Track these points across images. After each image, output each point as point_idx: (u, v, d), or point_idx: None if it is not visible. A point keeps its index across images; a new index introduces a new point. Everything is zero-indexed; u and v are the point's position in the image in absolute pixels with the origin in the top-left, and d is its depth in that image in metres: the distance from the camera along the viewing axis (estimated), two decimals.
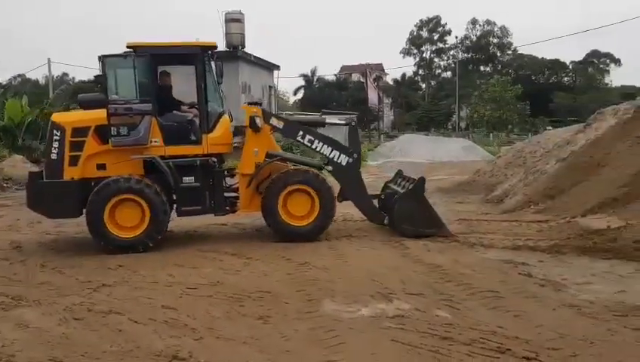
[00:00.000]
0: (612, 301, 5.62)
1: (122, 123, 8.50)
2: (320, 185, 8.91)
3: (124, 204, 8.39)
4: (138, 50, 8.67)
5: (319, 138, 9.30)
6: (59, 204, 8.57)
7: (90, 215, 8.35)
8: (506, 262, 7.30)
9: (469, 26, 76.92)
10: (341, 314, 5.42)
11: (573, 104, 59.74)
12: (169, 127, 8.79)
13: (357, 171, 9.50)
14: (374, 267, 7.14)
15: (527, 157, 15.58)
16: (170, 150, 8.70)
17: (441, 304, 5.68)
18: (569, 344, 4.54)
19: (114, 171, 8.55)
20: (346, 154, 9.28)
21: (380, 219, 9.51)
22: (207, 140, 8.84)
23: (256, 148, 9.06)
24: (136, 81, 8.63)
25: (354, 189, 9.41)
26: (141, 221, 8.40)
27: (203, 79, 8.87)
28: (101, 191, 8.31)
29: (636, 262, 7.02)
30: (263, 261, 7.63)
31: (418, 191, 9.14)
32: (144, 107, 8.55)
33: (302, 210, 8.94)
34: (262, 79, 32.18)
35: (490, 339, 4.66)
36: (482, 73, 73.35)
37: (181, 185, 8.72)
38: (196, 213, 9.03)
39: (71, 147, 8.56)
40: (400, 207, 9.09)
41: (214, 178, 8.98)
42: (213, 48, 9.27)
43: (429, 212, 9.12)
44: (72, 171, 8.57)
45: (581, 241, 7.99)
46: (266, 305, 5.74)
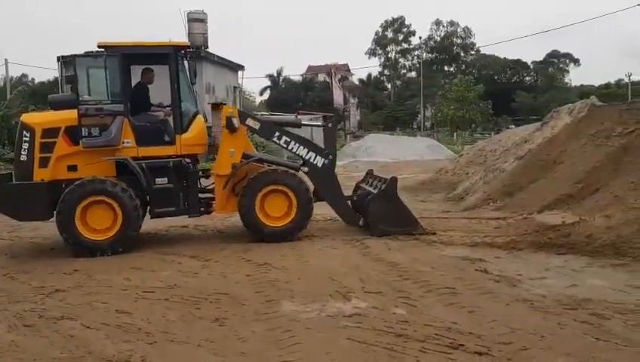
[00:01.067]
0: (564, 295, 5.75)
1: (93, 124, 8.34)
2: (297, 186, 8.90)
3: (95, 206, 8.23)
4: (109, 50, 8.51)
5: (295, 139, 9.28)
6: (28, 206, 8.35)
7: (60, 216, 8.16)
8: (464, 258, 7.41)
9: (433, 27, 78.20)
10: (299, 315, 5.40)
11: (534, 103, 61.18)
12: (142, 127, 8.64)
13: (333, 172, 9.49)
14: (334, 266, 7.16)
15: (488, 155, 15.89)
16: (142, 151, 8.56)
17: (398, 301, 5.72)
18: (520, 338, 4.62)
19: (85, 173, 8.38)
20: (321, 155, 9.28)
21: (355, 220, 9.50)
22: (180, 141, 8.72)
23: (232, 149, 8.99)
24: (107, 81, 8.51)
25: (329, 191, 9.41)
26: (113, 223, 8.25)
27: (176, 79, 8.74)
28: (72, 192, 8.13)
29: (588, 257, 7.20)
30: (223, 263, 7.56)
31: (391, 191, 9.17)
32: (116, 107, 8.43)
33: (279, 210, 8.92)
34: (226, 79, 31.97)
35: (444, 335, 4.72)
36: (446, 73, 74.48)
37: (154, 187, 8.59)
38: (170, 214, 8.93)
39: (41, 148, 8.36)
40: (374, 207, 9.12)
41: (188, 179, 8.87)
42: (187, 48, 9.15)
43: (403, 211, 9.19)
44: (42, 173, 8.38)
45: (537, 237, 8.18)
46: (223, 307, 5.68)
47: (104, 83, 8.62)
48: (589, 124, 11.55)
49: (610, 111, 11.57)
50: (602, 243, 7.34)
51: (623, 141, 10.24)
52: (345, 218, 9.62)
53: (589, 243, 7.48)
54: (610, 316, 5.07)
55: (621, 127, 10.74)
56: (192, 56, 9.15)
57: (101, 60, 8.57)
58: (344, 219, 9.64)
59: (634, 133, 10.21)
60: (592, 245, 7.42)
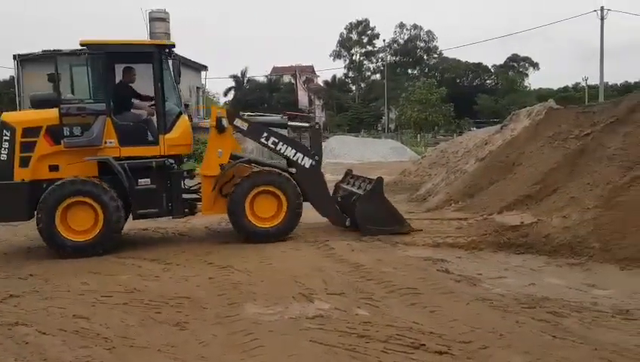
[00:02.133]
0: (522, 294, 5.87)
1: (75, 123, 8.20)
2: (287, 187, 8.89)
3: (76, 207, 8.11)
4: (93, 48, 8.36)
5: (283, 140, 9.30)
6: (8, 206, 8.23)
7: (41, 217, 8.02)
8: (426, 259, 7.49)
9: (397, 30, 78.90)
10: (261, 317, 5.36)
11: (495, 106, 62.39)
12: (124, 127, 8.52)
13: (320, 173, 9.52)
14: (297, 268, 7.14)
15: (450, 157, 16.12)
16: (125, 151, 8.45)
17: (361, 303, 5.73)
18: (480, 337, 4.69)
19: (67, 173, 8.24)
20: (309, 156, 9.28)
21: (342, 221, 9.54)
22: (164, 141, 8.60)
23: (220, 150, 8.94)
24: (89, 79, 8.39)
25: (317, 191, 9.39)
26: (94, 224, 8.15)
27: (160, 78, 8.62)
28: (53, 193, 8.00)
29: (546, 256, 7.38)
30: (184, 266, 7.46)
31: (377, 191, 9.25)
32: (98, 107, 8.29)
33: (268, 211, 8.90)
34: (189, 80, 31.59)
35: (405, 335, 4.75)
36: (410, 76, 75.27)
37: (136, 188, 8.46)
38: (152, 215, 8.86)
39: (21, 148, 8.22)
40: (361, 208, 9.16)
41: (172, 179, 8.76)
42: (171, 47, 9.02)
43: (390, 210, 9.29)
44: (23, 172, 8.23)
45: (496, 237, 8.32)
46: (184, 311, 5.59)
47: (87, 81, 8.51)
48: (546, 127, 11.82)
49: (567, 114, 11.86)
50: (559, 243, 7.52)
51: (579, 143, 10.50)
52: (332, 219, 9.65)
53: (547, 243, 7.65)
54: (566, 314, 5.19)
55: (578, 129, 11.01)
56: (175, 55, 9.02)
57: (83, 58, 8.43)
58: (331, 219, 9.67)
59: (590, 135, 10.49)
60: (549, 245, 7.59)
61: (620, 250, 6.91)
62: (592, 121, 10.72)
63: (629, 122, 9.62)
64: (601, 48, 40.07)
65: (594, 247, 7.15)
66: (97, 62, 8.36)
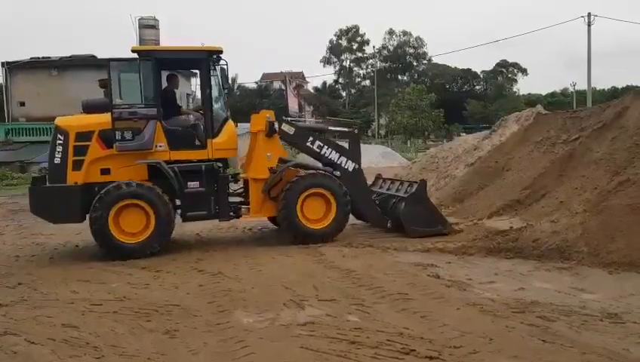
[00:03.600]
0: (512, 298, 5.90)
1: (127, 127, 8.42)
2: (337, 189, 9.14)
3: (128, 210, 8.29)
4: (143, 55, 8.64)
5: (328, 144, 9.58)
6: (62, 209, 8.42)
7: (94, 220, 8.17)
8: (417, 264, 7.51)
9: (387, 36, 79.39)
10: (252, 324, 5.35)
11: (484, 111, 62.82)
12: (173, 131, 8.78)
13: (362, 176, 9.85)
14: (288, 275, 7.13)
15: (440, 162, 16.18)
16: (174, 155, 8.69)
17: (352, 309, 5.73)
18: (470, 341, 4.71)
19: (118, 176, 8.47)
20: (352, 160, 9.61)
21: (384, 222, 9.76)
22: (212, 145, 8.85)
23: (269, 153, 9.19)
24: (141, 85, 8.60)
25: (360, 194, 9.64)
26: (146, 226, 8.32)
27: (209, 84, 8.90)
28: (108, 195, 8.17)
29: (535, 261, 7.43)
30: (174, 273, 7.43)
31: (421, 193, 9.52)
32: (149, 111, 8.50)
33: (317, 212, 9.14)
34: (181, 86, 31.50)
35: (396, 341, 4.75)
36: (400, 82, 75.64)
37: (186, 190, 8.66)
38: (201, 218, 9.06)
39: (74, 151, 8.42)
40: (407, 209, 9.39)
41: (219, 183, 8.96)
42: (219, 53, 9.14)
43: (434, 211, 9.58)
44: (76, 176, 8.43)
45: (486, 242, 8.38)
46: (174, 319, 5.57)
47: (135, 87, 8.72)
48: (535, 132, 11.93)
49: (555, 120, 11.99)
50: (548, 248, 7.58)
51: (567, 148, 10.61)
52: (374, 221, 9.97)
53: (536, 247, 7.71)
54: (555, 318, 5.22)
55: (565, 134, 11.13)
56: (223, 60, 9.20)
57: (134, 65, 8.67)
58: (373, 221, 10.00)
59: (578, 140, 10.60)
60: (538, 249, 7.65)
61: (607, 253, 6.97)
62: (580, 126, 10.84)
63: (615, 127, 9.74)
64: (588, 54, 40.47)
65: (582, 251, 7.21)
66: (148, 69, 8.57)
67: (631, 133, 9.15)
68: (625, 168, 8.37)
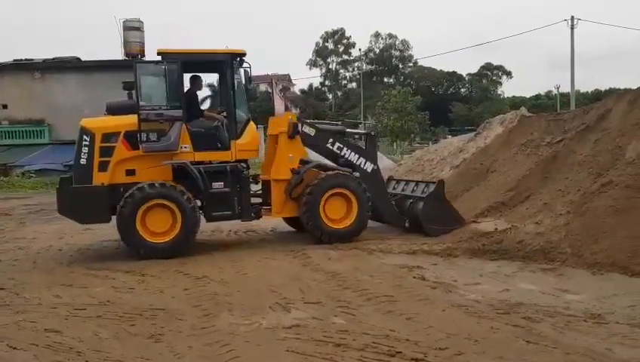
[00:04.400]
0: (497, 299, 5.94)
1: (152, 129, 8.54)
2: (359, 189, 9.33)
3: (155, 210, 8.41)
4: (168, 57, 8.74)
5: (347, 145, 9.82)
6: (89, 209, 8.51)
7: (121, 220, 8.28)
8: (402, 266, 7.53)
9: (372, 39, 79.59)
10: (238, 328, 5.32)
11: (469, 114, 63.24)
12: (197, 133, 8.94)
13: (381, 177, 10.13)
14: (274, 278, 7.11)
15: (426, 164, 16.25)
16: (199, 156, 8.87)
17: (338, 311, 5.73)
18: (455, 343, 4.72)
19: (143, 177, 8.58)
20: (371, 161, 9.85)
21: (401, 222, 9.94)
22: (235, 146, 9.02)
23: (291, 155, 9.36)
24: (166, 87, 8.72)
25: (378, 194, 9.81)
26: (172, 227, 8.44)
27: (232, 86, 9.04)
28: (136, 195, 8.27)
29: (520, 262, 7.49)
30: (159, 277, 7.37)
31: (440, 193, 9.71)
32: (175, 113, 8.61)
33: (339, 212, 9.32)
34: None
35: (382, 343, 4.75)
36: (386, 84, 75.88)
37: (211, 191, 8.79)
38: (226, 218, 9.19)
39: (100, 152, 8.54)
40: (426, 209, 9.60)
41: (242, 184, 9.10)
42: (243, 55, 9.29)
43: (451, 210, 9.71)
44: (102, 177, 8.55)
45: (471, 244, 8.43)
46: (159, 323, 5.52)
47: (157, 89, 8.90)
48: (519, 135, 12.02)
49: (539, 122, 12.08)
50: (533, 249, 7.64)
51: (551, 150, 10.69)
52: (392, 220, 10.12)
53: (521, 248, 7.77)
54: (540, 319, 5.26)
55: (549, 136, 11.22)
56: (247, 62, 9.32)
57: (158, 67, 8.79)
58: (391, 221, 10.15)
59: (561, 142, 10.69)
60: (523, 250, 7.71)
61: (591, 254, 7.04)
62: (563, 129, 10.93)
63: (598, 129, 9.84)
64: (571, 57, 40.91)
65: (566, 252, 7.28)
66: (173, 71, 8.67)
67: (613, 136, 9.25)
68: (607, 170, 8.46)
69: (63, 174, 23.23)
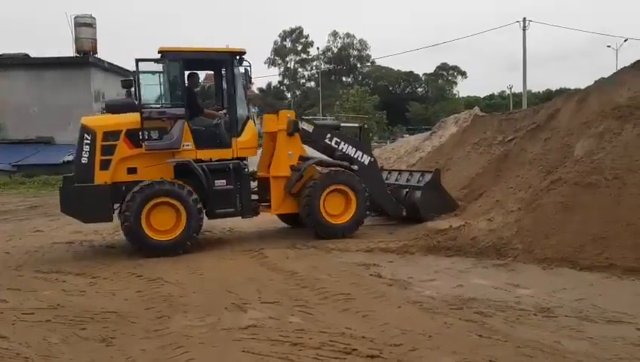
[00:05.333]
0: (451, 295, 6.03)
1: (154, 127, 8.55)
2: (357, 185, 9.50)
3: (159, 208, 8.40)
4: (170, 55, 8.73)
5: (344, 140, 9.95)
6: (92, 208, 8.46)
7: (126, 219, 8.24)
8: (359, 264, 7.57)
9: (330, 38, 79.85)
10: (192, 330, 5.24)
11: (426, 113, 64.25)
12: (199, 131, 8.97)
13: (377, 169, 10.40)
14: (231, 278, 7.04)
15: (383, 163, 16.39)
16: (201, 153, 8.90)
17: (295, 310, 5.72)
18: (410, 339, 4.78)
19: (145, 175, 8.58)
20: (368, 154, 10.06)
21: (399, 212, 10.19)
22: (236, 144, 9.08)
23: (290, 152, 9.48)
24: (168, 85, 8.82)
25: (376, 186, 10.04)
26: (176, 224, 8.45)
27: (233, 84, 9.12)
28: (140, 193, 8.26)
29: (473, 258, 7.64)
30: (112, 279, 7.20)
31: (436, 181, 10.09)
32: (177, 111, 8.65)
33: (338, 208, 9.47)
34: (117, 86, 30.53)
35: (338, 341, 4.76)
36: (344, 83, 76.28)
37: (214, 188, 8.84)
38: (229, 215, 9.22)
39: (102, 151, 8.49)
40: (424, 197, 9.94)
41: (243, 181, 9.19)
42: (243, 54, 9.34)
43: (447, 197, 10.10)
44: (104, 175, 8.51)
45: (427, 241, 8.55)
46: (110, 326, 5.38)
47: (158, 87, 9.06)
48: (472, 134, 12.29)
49: (492, 121, 12.39)
50: (485, 245, 7.81)
51: (503, 149, 10.98)
52: (390, 210, 10.34)
53: (474, 245, 7.93)
54: (492, 314, 5.38)
55: (501, 135, 11.52)
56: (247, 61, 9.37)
57: (159, 65, 8.86)
58: (389, 211, 10.37)
59: (513, 141, 10.99)
60: (476, 247, 7.87)
61: (541, 250, 7.24)
62: (515, 128, 11.24)
63: (548, 128, 10.15)
64: (523, 57, 42.04)
65: (517, 248, 7.47)
66: (175, 69, 8.74)
67: (562, 134, 9.56)
68: (557, 168, 8.72)
69: (11, 174, 22.67)
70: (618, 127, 8.32)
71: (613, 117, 8.57)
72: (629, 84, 8.96)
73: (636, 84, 8.84)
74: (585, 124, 9.14)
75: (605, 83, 9.69)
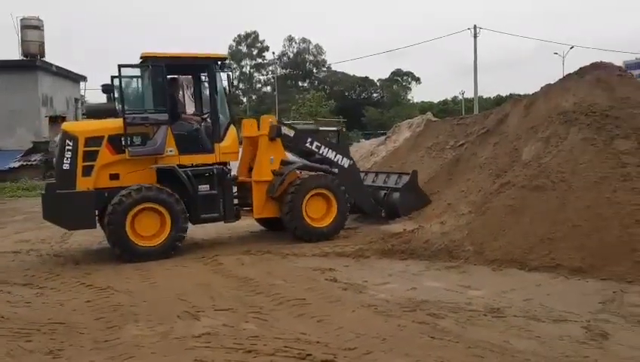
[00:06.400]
0: (404, 298, 6.10)
1: (138, 132, 8.53)
2: (337, 189, 9.66)
3: (143, 213, 8.35)
4: (153, 60, 8.70)
5: (324, 143, 10.13)
6: (76, 214, 8.35)
7: (111, 225, 8.18)
8: (315, 269, 7.57)
9: (286, 43, 79.91)
10: (144, 340, 5.12)
11: (381, 118, 64.97)
12: (182, 136, 8.94)
13: (357, 171, 10.65)
14: (183, 285, 6.92)
15: None
16: (184, 159, 8.89)
17: (249, 317, 5.66)
18: (364, 343, 4.80)
19: (127, 181, 8.51)
20: (347, 156, 10.29)
21: (378, 212, 10.52)
22: (219, 149, 9.09)
23: (272, 156, 9.56)
24: (151, 90, 8.76)
25: (356, 188, 10.33)
26: (160, 230, 8.43)
27: (215, 90, 9.17)
28: (125, 199, 8.18)
29: (427, 261, 7.74)
30: (60, 290, 6.97)
31: (414, 183, 10.49)
32: (160, 117, 8.60)
33: (319, 212, 9.59)
34: (66, 91, 29.81)
35: (293, 347, 4.75)
36: (300, 88, 76.44)
37: (199, 193, 8.83)
38: (213, 220, 9.21)
39: (84, 157, 8.40)
40: (402, 199, 10.35)
41: (225, 186, 9.19)
42: (225, 60, 9.56)
43: (424, 196, 10.46)
44: (86, 181, 8.41)
45: (382, 245, 8.63)
46: (58, 338, 5.20)
47: (141, 92, 9.08)
48: (425, 138, 12.51)
49: (444, 126, 12.64)
50: (438, 248, 7.94)
51: (454, 153, 11.22)
52: (369, 211, 10.64)
53: (427, 248, 8.04)
54: (444, 315, 5.46)
55: (453, 140, 11.77)
56: (229, 67, 9.48)
57: (142, 70, 8.91)
58: (369, 212, 10.64)
59: (464, 146, 11.24)
60: (429, 250, 7.99)
61: (491, 251, 7.41)
62: (466, 132, 11.50)
63: (497, 133, 10.43)
64: (474, 63, 43.16)
65: (469, 250, 7.62)
66: (158, 74, 8.66)
67: (511, 139, 9.83)
68: (506, 171, 8.96)
69: None
70: (564, 132, 8.60)
71: (559, 122, 8.86)
72: (573, 90, 9.28)
73: (580, 90, 9.16)
74: (532, 129, 9.42)
75: (551, 89, 10.01)
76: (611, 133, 8.06)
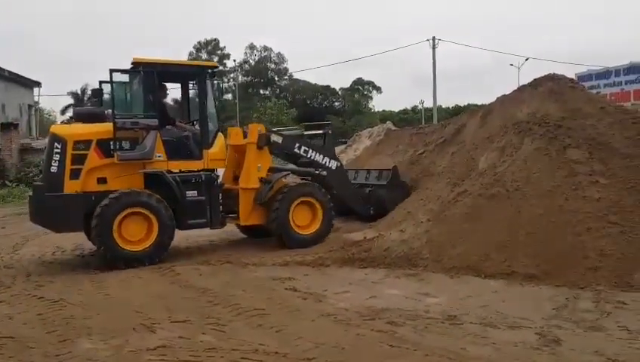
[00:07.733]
0: (363, 306, 6.11)
1: (127, 137, 8.55)
2: (323, 197, 9.78)
3: (130, 218, 8.36)
4: (144, 66, 8.75)
5: (312, 147, 10.25)
6: (63, 217, 8.31)
7: (98, 229, 8.17)
8: (275, 278, 7.51)
9: (248, 51, 79.59)
10: (97, 353, 4.97)
11: (343, 126, 65.33)
12: (171, 142, 8.97)
13: (344, 172, 10.85)
14: (139, 297, 6.76)
15: None
16: (172, 165, 8.94)
17: (206, 328, 5.57)
18: (323, 352, 4.78)
19: (115, 185, 8.52)
20: (334, 159, 10.44)
21: (367, 211, 10.72)
22: (207, 156, 9.15)
23: (259, 164, 9.60)
24: (142, 96, 8.80)
25: (345, 188, 10.60)
26: (147, 235, 8.45)
27: (205, 97, 9.26)
28: (111, 204, 8.18)
29: (386, 269, 7.79)
30: (9, 302, 6.71)
31: (397, 178, 10.81)
32: (150, 122, 8.61)
33: (305, 219, 9.70)
34: (19, 97, 28.97)
35: (250, 358, 4.69)
36: (262, 96, 76.19)
37: (187, 199, 8.85)
38: (200, 226, 9.22)
39: (72, 160, 8.36)
40: (389, 195, 10.60)
41: (213, 192, 9.21)
42: (215, 68, 9.78)
43: (407, 188, 10.75)
44: (74, 185, 8.38)
45: (342, 253, 8.64)
46: (7, 353, 5.00)
47: (131, 97, 9.19)
48: (385, 147, 12.65)
49: (403, 135, 12.81)
50: (397, 256, 8.00)
51: (414, 162, 11.35)
52: (358, 210, 10.84)
53: (387, 256, 8.10)
54: (402, 323, 5.49)
55: (412, 149, 11.92)
56: (216, 75, 9.38)
57: (133, 76, 8.99)
58: (358, 211, 10.85)
59: (423, 154, 11.40)
60: (389, 258, 8.04)
61: (449, 259, 7.51)
62: (425, 142, 11.67)
63: (455, 142, 10.62)
64: (433, 74, 43.93)
65: (427, 258, 7.71)
66: (149, 80, 8.69)
67: (468, 148, 10.02)
68: (463, 180, 9.12)
69: None
70: (518, 142, 8.81)
71: (514, 132, 9.07)
72: (527, 101, 9.53)
73: (534, 101, 9.42)
74: (488, 139, 9.63)
75: (506, 99, 10.26)
76: (563, 143, 8.29)
